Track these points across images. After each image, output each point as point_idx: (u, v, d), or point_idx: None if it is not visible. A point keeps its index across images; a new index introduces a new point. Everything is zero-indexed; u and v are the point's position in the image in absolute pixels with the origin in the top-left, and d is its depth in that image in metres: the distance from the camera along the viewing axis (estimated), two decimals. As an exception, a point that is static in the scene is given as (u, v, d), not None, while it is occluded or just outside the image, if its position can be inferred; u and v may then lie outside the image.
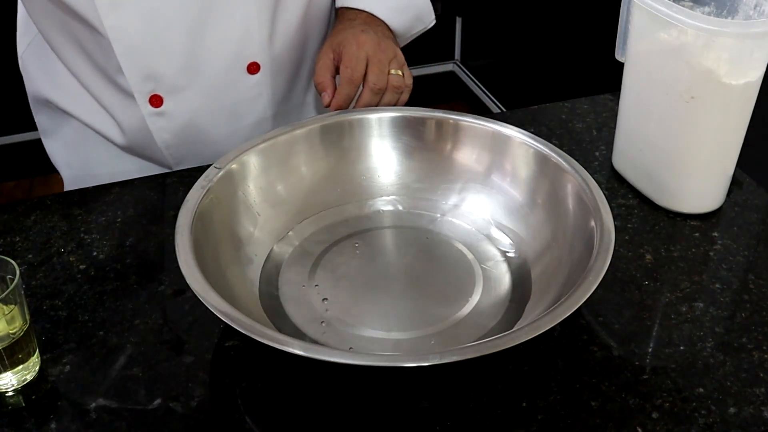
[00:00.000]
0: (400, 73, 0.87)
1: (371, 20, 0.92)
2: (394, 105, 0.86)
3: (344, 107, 0.85)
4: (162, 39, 0.84)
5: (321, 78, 0.87)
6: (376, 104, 0.85)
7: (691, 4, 0.80)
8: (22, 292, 0.63)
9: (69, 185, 1.03)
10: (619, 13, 0.83)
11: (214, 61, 0.88)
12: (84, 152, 1.00)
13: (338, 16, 0.95)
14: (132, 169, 0.97)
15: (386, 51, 0.87)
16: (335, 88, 0.86)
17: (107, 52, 0.84)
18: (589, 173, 0.72)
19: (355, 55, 0.86)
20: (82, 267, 0.76)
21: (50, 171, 2.34)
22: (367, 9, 0.92)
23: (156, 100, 0.88)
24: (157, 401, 0.63)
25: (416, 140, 0.82)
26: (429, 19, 0.99)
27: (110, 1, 0.80)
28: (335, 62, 0.87)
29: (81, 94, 0.94)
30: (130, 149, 0.96)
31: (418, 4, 0.96)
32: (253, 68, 0.90)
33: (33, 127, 1.06)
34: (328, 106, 0.85)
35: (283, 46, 0.92)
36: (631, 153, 0.86)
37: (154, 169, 0.96)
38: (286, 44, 0.93)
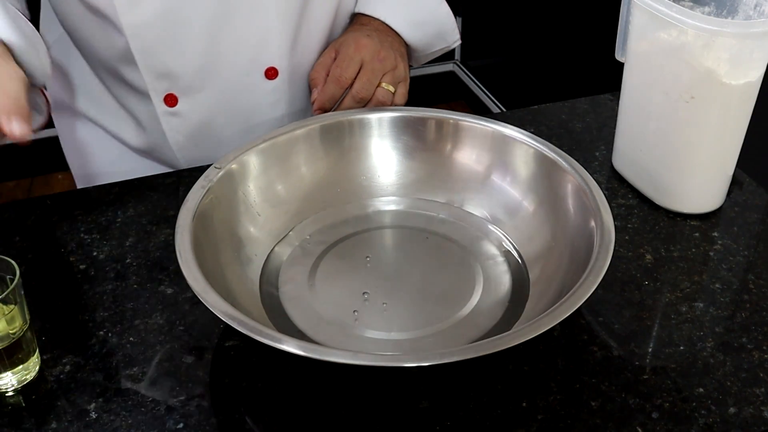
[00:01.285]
0: (391, 89, 0.85)
1: (384, 29, 0.90)
2: None
3: (327, 108, 0.85)
4: (179, 38, 0.83)
5: (315, 74, 0.87)
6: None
7: (691, 4, 0.80)
8: (22, 292, 0.63)
9: (81, 185, 1.03)
10: (619, 13, 0.83)
11: (231, 63, 0.86)
12: (97, 154, 1.00)
13: (352, 20, 0.94)
14: (143, 172, 0.96)
15: (384, 61, 0.85)
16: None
17: (125, 49, 0.84)
18: (589, 173, 0.72)
19: (350, 56, 0.85)
20: (82, 267, 0.76)
21: (50, 171, 2.35)
22: (381, 17, 0.90)
23: (171, 100, 0.87)
24: (158, 401, 0.63)
25: (416, 140, 0.82)
26: (452, 39, 0.96)
27: None
28: (334, 62, 0.87)
29: (97, 93, 0.94)
30: (142, 151, 0.96)
31: (440, 21, 0.94)
32: (271, 73, 0.88)
33: (32, 127, 1.06)
34: (313, 102, 0.84)
35: (304, 54, 0.90)
36: (631, 153, 0.86)
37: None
38: (309, 53, 0.91)
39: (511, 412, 0.62)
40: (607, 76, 1.19)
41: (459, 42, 0.97)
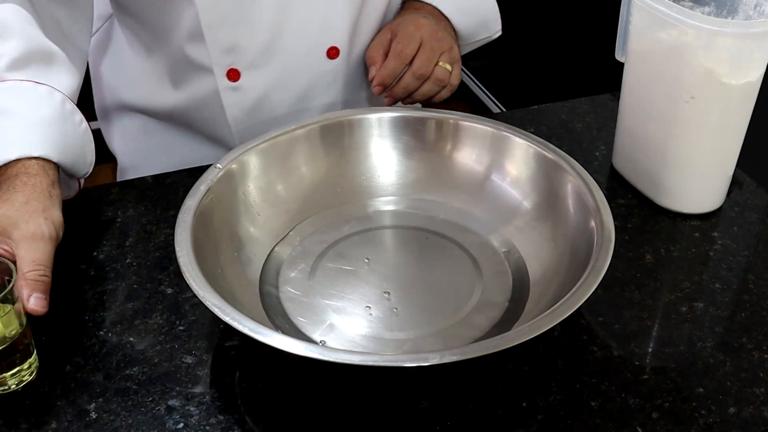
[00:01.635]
0: (448, 67, 0.87)
1: (436, 14, 0.93)
2: (430, 99, 0.87)
3: (387, 83, 0.86)
4: (250, 12, 0.84)
5: (373, 52, 0.89)
6: (414, 90, 0.86)
7: (691, 4, 0.80)
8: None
9: (124, 174, 1.04)
10: (619, 13, 0.83)
11: (296, 40, 0.88)
12: (144, 140, 1.00)
13: (404, 8, 0.96)
14: (191, 156, 0.96)
15: (442, 41, 0.88)
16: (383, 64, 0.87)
17: (192, 24, 0.85)
18: (589, 173, 0.72)
19: (410, 33, 0.87)
20: (82, 267, 0.76)
21: (50, 171, 2.34)
22: (433, 2, 0.93)
23: (233, 75, 0.88)
24: (157, 401, 0.63)
25: (416, 140, 0.82)
26: (495, 29, 1.00)
27: None
28: (390, 42, 0.88)
29: (150, 80, 0.95)
30: (194, 128, 0.96)
31: (486, 10, 0.97)
32: (333, 53, 0.90)
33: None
34: (372, 79, 0.86)
35: (363, 36, 0.93)
36: (631, 153, 0.86)
37: (211, 157, 0.92)
38: (367, 34, 0.93)
39: (511, 412, 0.62)
40: (607, 76, 1.19)
41: (500, 33, 1.00)
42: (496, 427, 0.61)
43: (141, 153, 1.02)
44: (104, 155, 1.03)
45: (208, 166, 0.74)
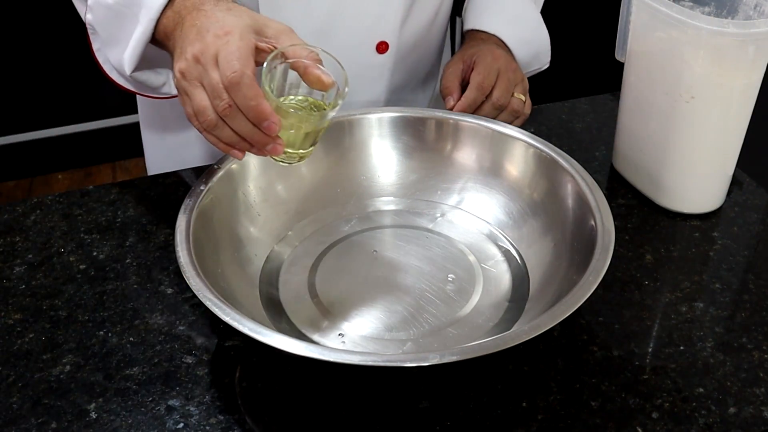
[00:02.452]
0: (522, 98, 0.90)
1: (502, 45, 0.95)
2: None
3: (467, 112, 0.87)
4: None
5: (449, 83, 0.90)
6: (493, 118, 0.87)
7: (691, 4, 0.80)
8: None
9: (154, 169, 1.03)
10: (619, 13, 0.83)
11: (348, 30, 0.88)
12: (180, 134, 1.00)
13: (468, 37, 0.98)
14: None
15: (516, 72, 0.91)
16: (461, 95, 0.88)
17: (249, 4, 0.84)
18: (589, 173, 0.72)
19: (489, 65, 0.89)
20: (82, 267, 0.76)
21: (50, 171, 2.35)
22: (497, 34, 0.95)
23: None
24: (157, 401, 0.63)
25: (416, 140, 0.82)
26: (545, 60, 1.02)
27: None
28: (464, 72, 0.90)
29: None
30: None
31: (541, 41, 0.99)
32: (382, 48, 0.91)
33: (33, 127, 1.06)
34: (451, 109, 0.87)
35: (411, 33, 0.93)
36: (631, 153, 0.86)
37: None
38: (414, 33, 0.94)
39: (511, 412, 0.62)
40: (607, 76, 1.19)
41: (548, 65, 1.03)
42: (496, 427, 0.61)
43: (173, 148, 1.01)
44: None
45: (208, 166, 0.74)
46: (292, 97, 0.66)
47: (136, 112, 1.05)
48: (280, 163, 0.67)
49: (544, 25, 1.01)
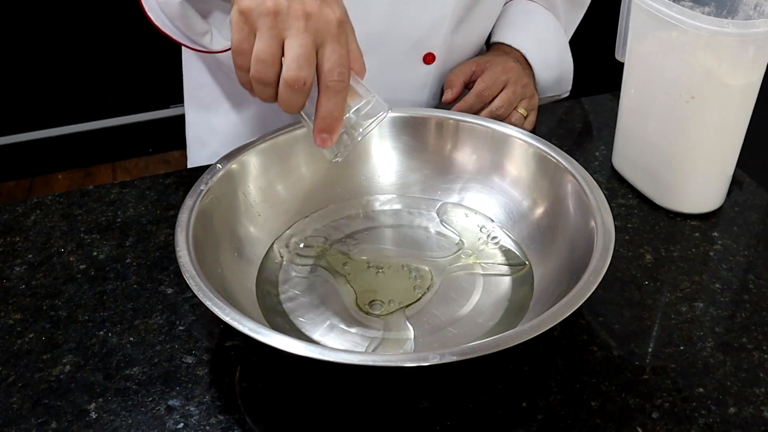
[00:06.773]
0: (524, 113, 0.89)
1: (522, 62, 0.95)
2: None
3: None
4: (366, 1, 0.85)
5: (453, 77, 0.90)
6: None
7: (691, 4, 0.80)
8: None
9: (194, 161, 1.04)
10: (619, 13, 0.83)
11: (399, 37, 0.88)
12: (228, 128, 1.01)
13: (493, 47, 0.98)
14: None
15: (525, 87, 0.90)
16: (460, 91, 0.88)
17: None
18: (589, 173, 0.72)
19: (497, 75, 0.89)
20: (82, 267, 0.76)
21: (50, 171, 2.35)
22: (522, 50, 0.96)
23: None
24: (157, 401, 0.63)
25: (416, 140, 0.82)
26: (566, 88, 1.01)
27: None
28: (473, 75, 0.90)
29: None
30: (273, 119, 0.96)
31: (564, 68, 0.99)
32: (429, 58, 0.91)
33: (33, 127, 1.06)
34: (447, 102, 0.87)
35: (459, 48, 0.94)
36: (631, 153, 0.86)
37: None
38: (462, 48, 0.94)
39: (511, 412, 0.62)
40: (607, 76, 1.19)
41: (568, 93, 1.03)
42: (496, 427, 0.61)
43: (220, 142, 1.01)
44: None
45: (208, 166, 0.74)
46: None
47: (136, 112, 1.05)
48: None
49: (570, 54, 1.00)
